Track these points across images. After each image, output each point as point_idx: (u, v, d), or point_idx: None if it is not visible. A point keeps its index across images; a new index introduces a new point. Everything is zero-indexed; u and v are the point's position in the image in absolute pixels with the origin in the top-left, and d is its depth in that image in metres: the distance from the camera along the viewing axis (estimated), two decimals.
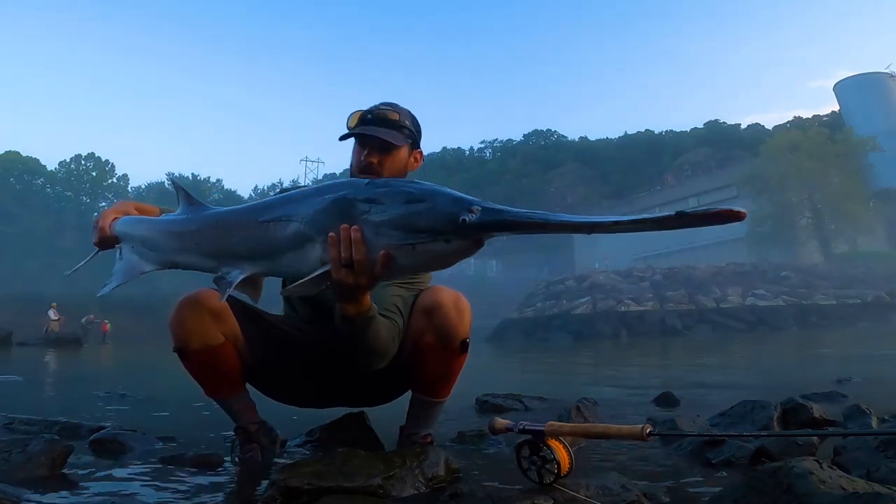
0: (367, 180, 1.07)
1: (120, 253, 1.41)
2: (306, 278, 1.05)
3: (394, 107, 1.48)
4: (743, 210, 0.75)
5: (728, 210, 0.75)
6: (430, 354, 1.41)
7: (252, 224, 1.16)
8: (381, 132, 1.42)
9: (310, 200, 1.09)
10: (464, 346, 1.42)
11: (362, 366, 1.39)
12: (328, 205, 1.05)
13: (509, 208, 0.91)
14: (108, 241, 1.43)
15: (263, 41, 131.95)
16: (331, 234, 1.01)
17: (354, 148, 1.47)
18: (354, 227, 0.99)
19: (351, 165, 1.51)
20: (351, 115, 1.46)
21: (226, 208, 1.28)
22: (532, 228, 0.90)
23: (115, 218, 1.42)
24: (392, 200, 0.98)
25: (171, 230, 1.31)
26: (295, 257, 1.09)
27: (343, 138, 1.44)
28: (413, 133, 1.49)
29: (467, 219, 0.90)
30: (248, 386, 1.55)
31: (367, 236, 0.99)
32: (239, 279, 1.15)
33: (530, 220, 0.89)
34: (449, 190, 0.98)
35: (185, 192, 1.36)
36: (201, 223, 1.26)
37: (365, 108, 1.49)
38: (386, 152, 1.43)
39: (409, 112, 1.51)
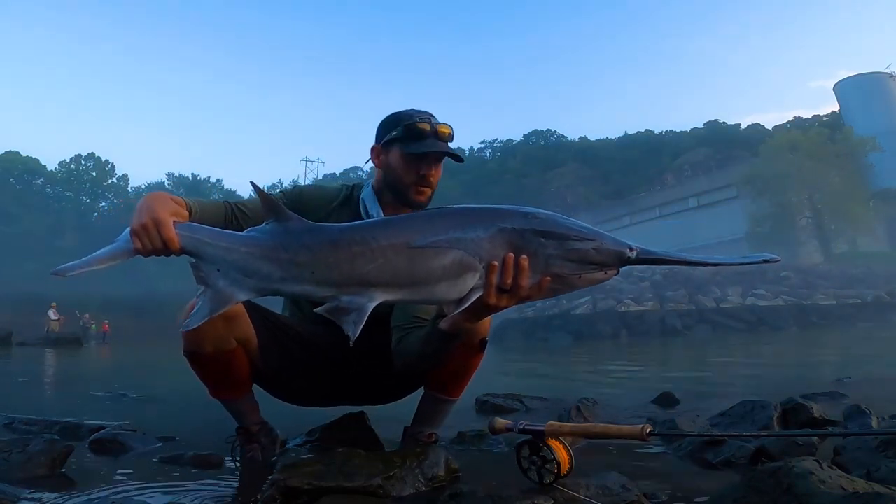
0: (526, 210, 1.11)
1: (199, 273, 1.14)
2: (462, 307, 1.08)
3: (437, 120, 1.46)
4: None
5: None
6: (450, 352, 1.41)
7: (398, 250, 1.07)
8: (449, 149, 1.45)
9: (473, 229, 1.07)
10: (482, 344, 1.44)
11: (416, 368, 1.46)
12: (497, 235, 1.07)
13: (654, 249, 1.11)
14: (172, 252, 1.16)
15: (263, 41, 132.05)
16: (493, 262, 1.06)
17: (404, 156, 1.44)
18: (523, 256, 1.06)
19: (390, 169, 1.47)
20: (402, 123, 1.43)
21: (343, 227, 1.14)
22: (667, 262, 1.11)
23: (175, 220, 1.17)
24: (566, 236, 1.08)
25: (277, 256, 1.10)
26: (448, 286, 1.07)
27: (417, 154, 1.42)
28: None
29: (630, 256, 1.08)
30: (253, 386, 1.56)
31: (536, 265, 1.07)
32: (370, 310, 1.06)
33: (668, 258, 1.11)
34: (603, 230, 1.13)
35: (272, 201, 1.14)
36: (319, 249, 1.10)
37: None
38: (438, 165, 1.47)
39: None
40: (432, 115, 1.46)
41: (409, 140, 1.42)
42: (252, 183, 1.22)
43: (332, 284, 1.09)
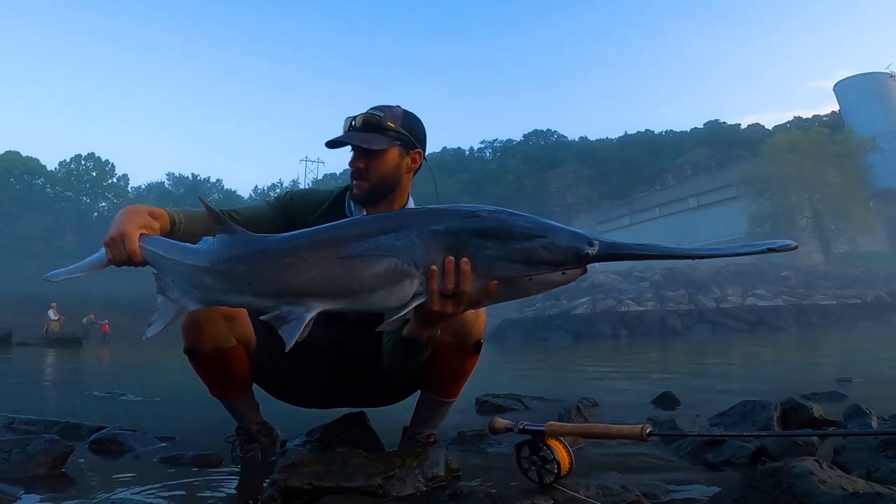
0: (467, 209, 1.05)
1: (159, 284, 1.21)
2: (401, 314, 1.03)
3: (382, 109, 1.44)
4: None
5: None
6: (445, 354, 1.41)
7: (328, 260, 1.05)
8: (357, 137, 1.39)
9: (406, 234, 1.03)
10: (477, 346, 1.43)
11: (398, 375, 1.44)
12: (431, 238, 1.02)
13: (621, 241, 1.02)
14: (136, 263, 1.24)
15: (264, 41, 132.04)
16: (432, 266, 1.01)
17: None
18: (463, 259, 1.00)
19: None
20: (345, 121, 1.45)
21: (277, 238, 1.13)
22: (639, 257, 1.02)
23: (143, 234, 1.24)
24: (508, 235, 1.00)
25: (218, 269, 1.12)
26: (386, 294, 1.03)
27: (329, 146, 1.41)
28: (403, 134, 1.43)
29: (589, 252, 0.98)
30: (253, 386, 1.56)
31: (478, 268, 1.00)
32: (309, 319, 1.04)
33: (639, 251, 1.00)
34: (559, 224, 1.03)
35: (217, 214, 1.18)
36: (254, 261, 1.10)
37: (365, 111, 1.48)
38: (370, 156, 1.41)
39: (401, 113, 1.45)
40: (381, 109, 1.43)
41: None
42: (200, 199, 1.30)
43: (269, 295, 1.09)
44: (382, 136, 1.41)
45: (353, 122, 1.43)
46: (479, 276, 1.01)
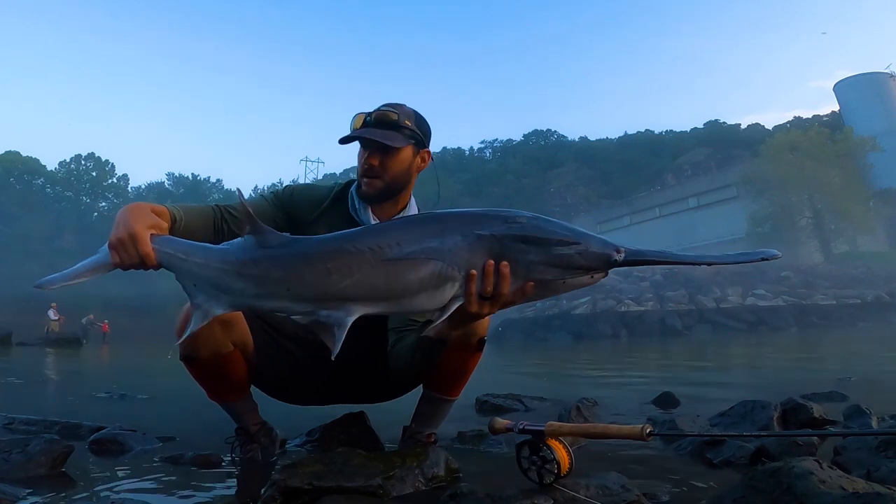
0: (506, 214, 1.08)
1: (184, 289, 1.14)
2: (444, 316, 1.06)
3: (395, 107, 1.42)
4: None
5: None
6: (449, 352, 1.41)
7: (372, 264, 1.04)
8: (378, 134, 1.37)
9: (450, 238, 1.05)
10: (481, 344, 1.43)
11: (409, 375, 1.47)
12: (475, 242, 1.05)
13: (642, 248, 1.08)
14: (150, 267, 1.15)
15: (264, 41, 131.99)
16: (472, 270, 1.04)
17: (359, 151, 1.44)
18: (503, 262, 1.04)
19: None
20: (354, 117, 1.42)
21: (317, 241, 1.11)
22: (656, 263, 1.08)
23: (153, 234, 1.16)
24: (548, 241, 1.06)
25: (251, 272, 1.08)
26: (427, 296, 1.05)
27: (343, 141, 1.39)
28: (416, 133, 1.43)
29: (617, 259, 1.05)
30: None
31: (517, 271, 1.05)
32: (349, 324, 1.03)
33: (656, 257, 1.07)
34: (590, 231, 1.10)
35: (251, 214, 1.10)
36: (293, 265, 1.07)
37: (368, 110, 1.47)
38: (386, 154, 1.39)
39: (412, 112, 1.45)
40: (394, 106, 1.41)
41: (351, 131, 1.40)
42: (238, 191, 1.23)
43: (308, 300, 1.07)
44: (398, 134, 1.39)
45: (368, 118, 1.40)
46: (518, 278, 1.06)
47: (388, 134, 1.38)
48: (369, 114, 1.41)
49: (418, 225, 1.10)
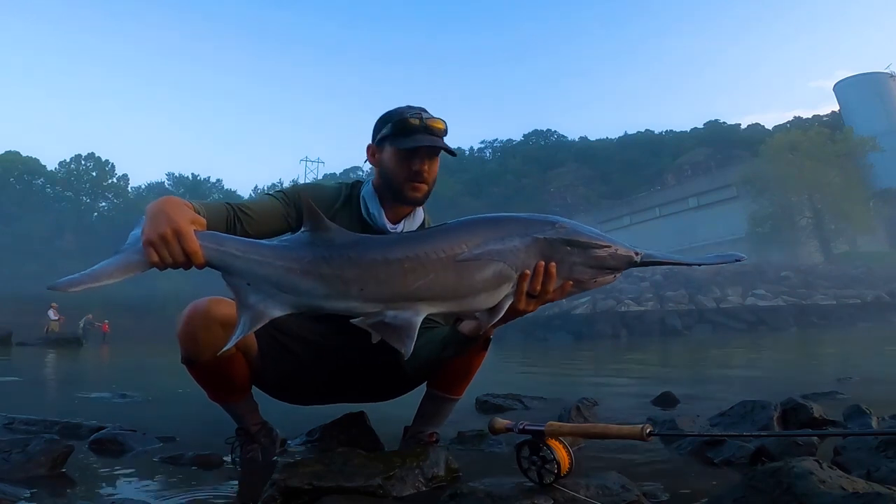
0: (550, 219, 1.17)
1: (233, 289, 1.08)
2: (498, 315, 1.13)
3: (427, 112, 1.43)
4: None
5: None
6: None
7: (445, 264, 1.07)
8: (440, 143, 1.40)
9: (510, 240, 1.12)
10: (486, 343, 1.45)
11: (427, 373, 1.50)
12: (532, 245, 1.13)
13: (652, 251, 1.21)
14: (195, 265, 1.07)
15: (264, 41, 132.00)
16: (526, 270, 1.12)
17: (395, 152, 1.41)
18: (552, 263, 1.13)
19: (384, 167, 1.43)
20: (392, 120, 1.40)
21: (388, 241, 1.14)
22: (663, 263, 1.23)
23: (195, 230, 1.07)
24: (587, 244, 1.15)
25: (321, 272, 1.05)
26: (487, 296, 1.11)
27: (425, 152, 1.39)
28: None
29: (637, 260, 1.18)
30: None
31: (561, 272, 1.14)
32: (418, 324, 1.05)
33: (664, 259, 1.22)
34: (612, 236, 1.22)
35: (317, 212, 1.07)
36: (368, 265, 1.05)
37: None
38: (432, 161, 1.44)
39: None
40: (424, 111, 1.42)
41: (399, 136, 1.39)
42: (304, 198, 1.12)
43: (380, 300, 1.06)
44: (443, 141, 1.43)
45: (419, 124, 1.38)
46: (560, 278, 1.15)
47: (441, 142, 1.42)
48: (418, 119, 1.39)
49: (484, 227, 1.14)
